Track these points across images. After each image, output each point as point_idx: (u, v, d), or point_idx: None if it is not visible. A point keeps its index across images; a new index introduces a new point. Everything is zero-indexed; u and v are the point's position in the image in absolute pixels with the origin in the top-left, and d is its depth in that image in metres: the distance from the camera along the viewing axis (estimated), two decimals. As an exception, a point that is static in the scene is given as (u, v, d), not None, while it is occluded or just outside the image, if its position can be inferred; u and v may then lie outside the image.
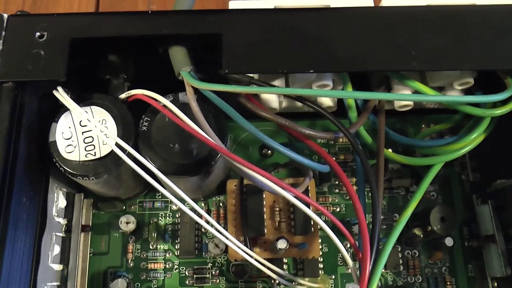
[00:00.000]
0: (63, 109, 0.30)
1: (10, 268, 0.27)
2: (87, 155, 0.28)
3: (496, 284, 0.34)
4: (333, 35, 0.29)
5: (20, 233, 0.28)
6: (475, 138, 0.32)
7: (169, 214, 0.36)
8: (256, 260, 0.30)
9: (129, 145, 0.28)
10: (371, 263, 0.28)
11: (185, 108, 0.29)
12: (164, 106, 0.29)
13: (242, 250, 0.30)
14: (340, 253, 0.33)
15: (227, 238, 0.29)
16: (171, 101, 0.30)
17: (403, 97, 0.32)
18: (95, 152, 0.28)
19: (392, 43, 0.29)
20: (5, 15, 0.29)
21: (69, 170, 0.29)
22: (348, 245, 0.35)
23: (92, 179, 0.29)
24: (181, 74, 0.30)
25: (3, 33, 0.29)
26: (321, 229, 0.31)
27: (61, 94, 0.29)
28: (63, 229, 0.33)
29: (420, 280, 0.35)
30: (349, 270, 0.29)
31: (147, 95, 0.30)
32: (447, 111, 0.37)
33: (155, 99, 0.30)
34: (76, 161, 0.28)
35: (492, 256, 0.34)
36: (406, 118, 0.39)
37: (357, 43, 0.29)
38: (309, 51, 0.29)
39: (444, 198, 0.37)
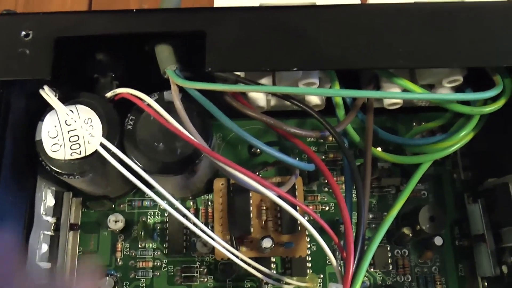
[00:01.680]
0: (49, 108, 0.30)
1: (-3, 266, 0.28)
2: (72, 154, 0.29)
3: (486, 283, 0.34)
4: (319, 33, 0.29)
5: (6, 232, 0.29)
6: (464, 136, 0.32)
7: (157, 213, 0.36)
8: (241, 259, 0.30)
9: (114, 144, 0.28)
10: (355, 262, 0.28)
11: (170, 106, 0.29)
12: (149, 105, 0.29)
13: (228, 250, 0.30)
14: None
15: (212, 238, 0.29)
16: (156, 100, 0.30)
17: (391, 95, 0.32)
18: (80, 151, 0.29)
19: (379, 41, 0.29)
20: (-9, 15, 0.30)
21: (54, 168, 0.29)
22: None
23: (78, 177, 0.29)
24: (166, 73, 0.30)
25: (-11, 32, 0.29)
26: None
27: (47, 93, 0.29)
28: (52, 228, 0.33)
29: (409, 280, 0.34)
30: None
31: (132, 94, 0.30)
32: (438, 109, 0.36)
33: (140, 98, 0.30)
34: (61, 159, 0.29)
35: (482, 255, 0.33)
36: (396, 117, 0.38)
37: (343, 41, 0.29)
38: (295, 49, 0.28)
39: (435, 197, 0.36)
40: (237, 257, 0.30)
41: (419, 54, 0.29)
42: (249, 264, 0.30)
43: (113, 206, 0.36)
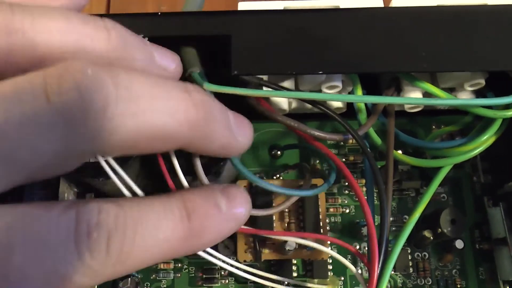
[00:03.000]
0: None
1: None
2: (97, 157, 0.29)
3: (508, 287, 0.34)
4: (342, 36, 0.29)
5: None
6: (486, 140, 0.32)
7: (178, 215, 0.36)
8: (259, 276, 0.31)
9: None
10: (379, 266, 0.28)
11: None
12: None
13: (246, 272, 0.30)
14: (349, 255, 0.34)
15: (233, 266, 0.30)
16: (181, 102, 0.30)
17: (414, 101, 0.32)
18: (106, 153, 0.29)
19: (402, 44, 0.29)
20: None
21: (80, 171, 0.29)
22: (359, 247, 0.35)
23: (102, 180, 0.29)
24: (191, 75, 0.31)
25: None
26: (330, 230, 0.32)
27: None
28: (74, 229, 0.33)
29: (430, 283, 0.35)
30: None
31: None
32: (458, 112, 0.36)
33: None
34: (87, 162, 0.29)
35: (504, 259, 0.33)
36: (416, 119, 0.38)
37: (366, 44, 0.29)
38: (318, 52, 0.29)
39: (454, 200, 0.37)
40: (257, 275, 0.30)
41: (442, 58, 0.29)
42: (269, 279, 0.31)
43: (134, 207, 0.36)
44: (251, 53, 0.29)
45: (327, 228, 0.34)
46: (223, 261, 0.29)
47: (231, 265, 0.29)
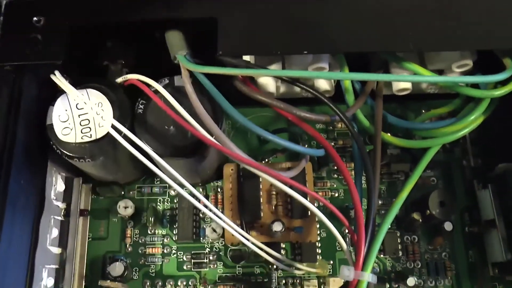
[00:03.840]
0: (60, 93, 0.30)
1: (8, 249, 0.28)
2: (83, 137, 0.29)
3: (496, 270, 0.34)
4: (328, 17, 0.29)
5: (18, 215, 0.29)
6: (474, 120, 0.32)
7: (167, 199, 0.36)
8: (252, 242, 0.31)
9: (124, 127, 0.29)
10: (366, 245, 0.28)
11: (180, 92, 0.30)
12: (156, 91, 0.30)
13: (238, 233, 0.30)
14: (337, 244, 0.34)
15: (223, 221, 0.30)
16: (166, 85, 0.31)
17: (399, 78, 0.32)
18: (91, 134, 0.29)
19: (389, 24, 0.29)
20: (3, 1, 0.30)
21: (65, 152, 0.29)
22: (346, 231, 0.35)
23: (88, 161, 0.29)
24: (177, 58, 0.31)
25: (1, 18, 0.30)
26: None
27: (58, 78, 0.30)
28: (62, 213, 0.33)
29: (419, 266, 0.35)
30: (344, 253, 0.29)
31: (140, 80, 0.30)
32: (448, 96, 0.36)
33: (149, 84, 0.30)
34: (72, 143, 0.29)
35: (493, 241, 0.34)
36: (406, 104, 0.39)
37: (353, 24, 0.29)
38: (304, 32, 0.29)
39: (444, 183, 0.37)
40: (248, 240, 0.30)
41: (428, 37, 0.29)
42: (259, 247, 0.31)
43: (123, 192, 0.36)
44: (236, 35, 0.29)
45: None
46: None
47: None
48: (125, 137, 0.29)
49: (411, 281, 0.33)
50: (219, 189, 0.36)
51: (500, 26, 0.29)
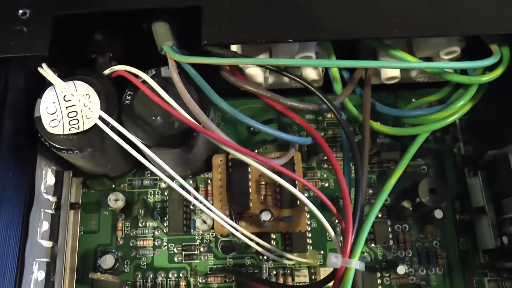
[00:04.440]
0: (48, 85, 0.31)
1: (-2, 243, 0.28)
2: (71, 129, 0.29)
3: (487, 257, 0.34)
4: (314, 4, 0.29)
5: (6, 208, 0.29)
6: (462, 106, 0.32)
7: (158, 192, 0.36)
8: (241, 233, 0.31)
9: (112, 118, 0.29)
10: (354, 233, 0.28)
11: (167, 82, 0.30)
12: (144, 81, 0.30)
13: (228, 223, 0.31)
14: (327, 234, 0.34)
15: (212, 211, 0.30)
16: (153, 75, 0.31)
17: (386, 64, 0.32)
18: (79, 126, 0.29)
19: (374, 11, 0.29)
20: (-11, -6, 0.31)
21: (53, 144, 0.30)
22: (337, 220, 0.35)
23: (77, 152, 0.30)
24: (163, 49, 0.31)
25: (-13, 11, 0.30)
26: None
27: (45, 70, 0.30)
28: (53, 207, 0.34)
29: (410, 254, 0.35)
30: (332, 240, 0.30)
31: (128, 71, 0.31)
32: (437, 85, 0.37)
33: (136, 75, 0.30)
34: (60, 135, 0.29)
35: (483, 228, 0.34)
36: (396, 93, 0.39)
37: (338, 11, 0.29)
38: (290, 20, 0.29)
39: (436, 172, 0.37)
40: (237, 230, 0.31)
41: (414, 24, 0.30)
42: (249, 238, 0.31)
43: (113, 185, 0.36)
44: (221, 24, 0.29)
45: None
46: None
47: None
48: (113, 128, 0.29)
49: (401, 269, 0.33)
50: (209, 181, 0.36)
51: (486, 11, 0.29)
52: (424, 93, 0.38)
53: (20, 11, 0.30)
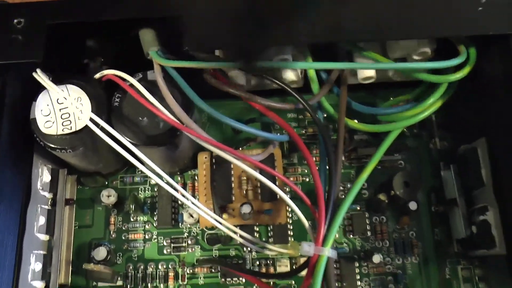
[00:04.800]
0: (42, 89, 0.33)
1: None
2: (64, 129, 0.32)
3: (460, 246, 0.36)
4: (288, 10, 0.32)
5: (5, 204, 0.32)
6: (432, 103, 0.34)
7: (148, 188, 0.39)
8: (224, 225, 0.33)
9: (102, 119, 0.32)
10: (327, 223, 0.30)
11: (153, 85, 0.33)
12: (131, 85, 0.32)
13: (211, 216, 0.33)
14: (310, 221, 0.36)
15: (195, 205, 0.33)
16: (140, 79, 0.34)
17: (357, 65, 0.34)
18: (71, 127, 0.32)
19: (347, 16, 0.32)
20: (-14, 6, 0.33)
21: (48, 144, 0.32)
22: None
23: (70, 151, 0.32)
24: (149, 54, 0.34)
25: (-16, 21, 0.33)
26: (291, 198, 0.34)
27: (39, 75, 0.33)
28: (49, 203, 0.36)
29: (387, 245, 0.37)
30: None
31: (116, 75, 0.33)
32: (414, 85, 0.39)
33: (124, 79, 0.33)
34: (54, 135, 0.32)
35: (456, 218, 0.36)
36: (374, 92, 0.41)
37: (313, 17, 0.32)
38: (264, 26, 0.31)
39: (412, 166, 0.39)
40: (220, 223, 0.33)
41: (383, 27, 0.32)
42: (231, 230, 0.33)
43: (106, 182, 0.39)
44: (201, 30, 0.32)
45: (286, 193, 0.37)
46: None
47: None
48: (103, 129, 0.32)
49: (376, 258, 0.35)
50: (196, 177, 0.39)
51: (452, 15, 0.31)
52: (401, 92, 0.40)
53: (15, 21, 0.33)
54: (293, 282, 0.37)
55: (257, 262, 0.37)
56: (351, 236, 0.37)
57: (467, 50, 0.34)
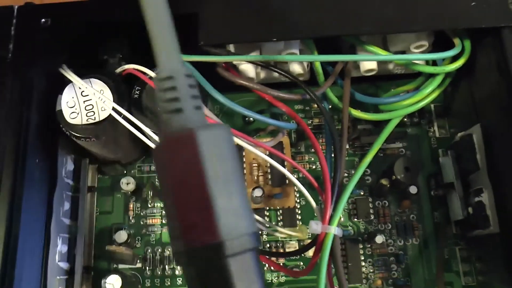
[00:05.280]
0: (67, 83, 0.36)
1: (28, 219, 0.34)
2: (88, 120, 0.35)
3: (458, 227, 0.39)
4: (293, 6, 0.34)
5: (34, 189, 0.35)
6: (430, 93, 0.37)
7: (164, 176, 0.42)
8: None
9: (123, 109, 0.35)
10: (333, 203, 0.33)
11: (170, 78, 0.36)
12: (150, 77, 0.35)
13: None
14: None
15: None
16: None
17: (357, 57, 0.37)
18: (95, 117, 0.35)
19: (348, 11, 0.35)
20: (15, 6, 0.36)
21: (73, 133, 0.35)
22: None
23: (93, 140, 0.35)
24: (166, 49, 0.37)
25: (14, 21, 0.36)
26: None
27: (65, 70, 0.36)
28: (72, 190, 0.39)
29: (390, 227, 0.40)
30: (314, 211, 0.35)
31: (137, 69, 0.36)
32: (413, 76, 0.42)
33: (144, 72, 0.36)
34: (79, 125, 0.35)
35: (453, 201, 0.39)
36: (377, 84, 0.44)
37: (316, 13, 0.34)
38: (273, 22, 0.34)
39: (413, 153, 0.42)
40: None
41: (382, 21, 0.35)
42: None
43: (125, 171, 0.42)
44: (215, 26, 0.35)
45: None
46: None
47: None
48: (125, 117, 0.35)
49: (379, 238, 0.38)
50: (209, 165, 0.42)
51: (447, 9, 0.34)
52: (402, 84, 0.43)
53: (43, 20, 0.36)
54: (301, 263, 0.39)
55: (268, 245, 0.40)
56: (356, 219, 0.40)
57: (462, 42, 0.36)
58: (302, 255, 0.39)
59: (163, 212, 0.41)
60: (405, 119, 0.42)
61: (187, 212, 0.21)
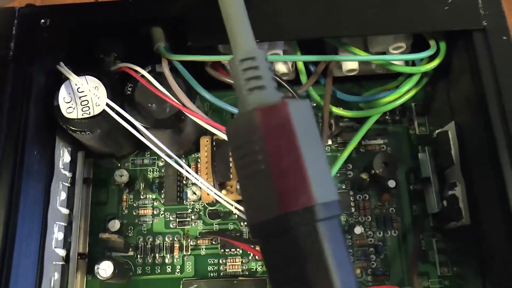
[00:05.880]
0: (64, 80, 0.39)
1: (26, 207, 0.37)
2: (83, 114, 0.38)
3: (436, 220, 0.41)
4: (277, 8, 0.37)
5: (33, 179, 0.38)
6: (406, 91, 0.40)
7: (156, 169, 0.45)
8: (223, 199, 0.39)
9: (117, 105, 0.37)
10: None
11: (161, 76, 0.38)
12: (142, 76, 0.38)
13: (212, 191, 0.38)
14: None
15: (199, 181, 0.38)
16: (150, 71, 0.39)
17: (338, 58, 0.40)
18: (90, 112, 0.38)
19: (329, 14, 0.37)
20: (17, 8, 0.39)
21: (70, 127, 0.38)
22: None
23: (88, 133, 0.38)
24: (157, 49, 0.39)
25: (15, 21, 0.38)
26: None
27: (63, 67, 0.38)
28: (69, 181, 0.42)
29: (370, 220, 0.42)
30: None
31: (129, 67, 0.39)
32: (394, 76, 0.44)
33: (136, 70, 0.39)
34: (75, 119, 0.38)
35: (430, 195, 0.41)
36: (360, 83, 0.46)
37: (299, 16, 0.37)
38: (255, 24, 0.37)
39: (393, 150, 0.44)
40: (220, 197, 0.39)
41: (362, 24, 0.37)
42: (229, 203, 0.39)
43: (119, 164, 0.45)
44: (201, 27, 0.37)
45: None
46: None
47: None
48: (118, 113, 0.37)
49: (357, 229, 0.41)
50: (198, 159, 0.44)
51: (423, 12, 0.37)
52: (383, 83, 0.46)
53: (42, 21, 0.38)
54: (286, 253, 0.42)
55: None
56: (337, 211, 0.43)
57: (437, 44, 0.39)
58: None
59: (154, 203, 0.44)
60: (387, 117, 0.45)
61: (283, 177, 0.22)
